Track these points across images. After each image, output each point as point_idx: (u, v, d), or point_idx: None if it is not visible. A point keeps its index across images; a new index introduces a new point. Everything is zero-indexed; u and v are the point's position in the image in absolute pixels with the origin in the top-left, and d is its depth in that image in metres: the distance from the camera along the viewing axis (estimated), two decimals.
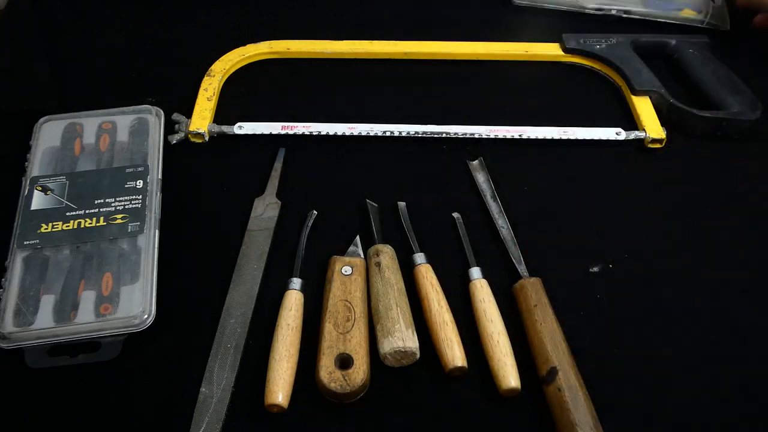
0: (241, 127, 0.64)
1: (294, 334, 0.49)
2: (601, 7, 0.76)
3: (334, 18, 0.76)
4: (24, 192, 0.56)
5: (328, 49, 0.71)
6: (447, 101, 0.68)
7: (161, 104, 0.64)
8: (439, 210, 0.58)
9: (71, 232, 0.54)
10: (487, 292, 0.52)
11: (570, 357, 0.48)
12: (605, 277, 0.55)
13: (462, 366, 0.48)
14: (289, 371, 0.47)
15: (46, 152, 0.59)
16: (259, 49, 0.70)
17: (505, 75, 0.71)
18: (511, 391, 0.47)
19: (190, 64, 0.69)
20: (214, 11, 0.76)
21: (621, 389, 0.49)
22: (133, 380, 0.49)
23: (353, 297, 0.51)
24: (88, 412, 0.48)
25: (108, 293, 0.51)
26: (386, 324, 0.49)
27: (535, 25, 0.76)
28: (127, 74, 0.69)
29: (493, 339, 0.49)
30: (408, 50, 0.71)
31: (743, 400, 0.49)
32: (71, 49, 0.72)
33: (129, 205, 0.56)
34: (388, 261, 0.53)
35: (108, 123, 0.62)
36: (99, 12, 0.75)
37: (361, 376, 0.47)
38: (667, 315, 0.53)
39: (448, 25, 0.75)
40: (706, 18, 0.74)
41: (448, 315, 0.50)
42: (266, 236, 0.56)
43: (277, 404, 0.46)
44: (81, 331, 0.49)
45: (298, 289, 0.52)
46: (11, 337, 0.49)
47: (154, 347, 0.50)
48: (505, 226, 0.57)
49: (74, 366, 0.49)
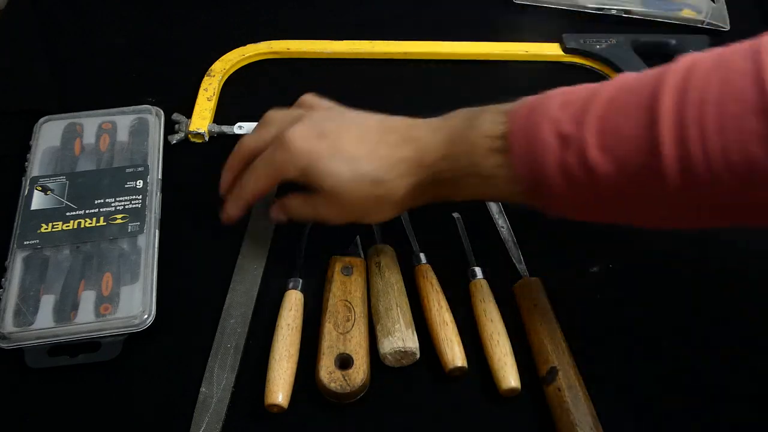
0: (241, 127, 0.64)
1: (294, 334, 0.49)
2: (601, 7, 0.76)
3: (334, 18, 0.76)
4: (24, 192, 0.56)
5: (328, 49, 0.71)
6: (447, 101, 0.68)
7: (161, 104, 0.64)
8: (439, 210, 0.58)
9: (71, 232, 0.54)
10: (487, 292, 0.52)
11: (570, 357, 0.48)
12: (605, 277, 0.55)
13: (462, 366, 0.48)
14: (289, 371, 0.47)
15: (46, 152, 0.59)
16: (259, 49, 0.70)
17: (505, 75, 0.71)
18: (511, 391, 0.47)
19: (190, 64, 0.69)
20: (214, 11, 0.76)
21: (621, 389, 0.49)
22: (133, 380, 0.49)
23: (353, 297, 0.51)
24: (88, 412, 0.48)
25: (108, 293, 0.51)
26: (386, 324, 0.49)
27: (535, 25, 0.76)
28: (127, 74, 0.69)
29: (493, 339, 0.49)
30: (408, 50, 0.71)
31: (745, 401, 0.49)
32: (71, 49, 0.71)
33: (129, 205, 0.56)
34: (388, 261, 0.53)
35: (108, 123, 0.62)
36: (99, 12, 0.75)
37: (361, 376, 0.47)
38: (667, 315, 0.53)
39: (448, 25, 0.75)
40: (706, 18, 0.74)
41: (448, 315, 0.50)
42: (266, 236, 0.56)
43: (277, 404, 0.46)
44: (81, 331, 0.49)
45: (298, 289, 0.52)
46: (11, 337, 0.49)
47: (154, 347, 0.51)
48: (505, 226, 0.57)
49: (74, 366, 0.49)
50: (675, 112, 0.37)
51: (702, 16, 0.75)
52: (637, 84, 0.40)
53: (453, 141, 0.46)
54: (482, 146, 0.44)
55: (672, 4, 0.76)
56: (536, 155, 0.42)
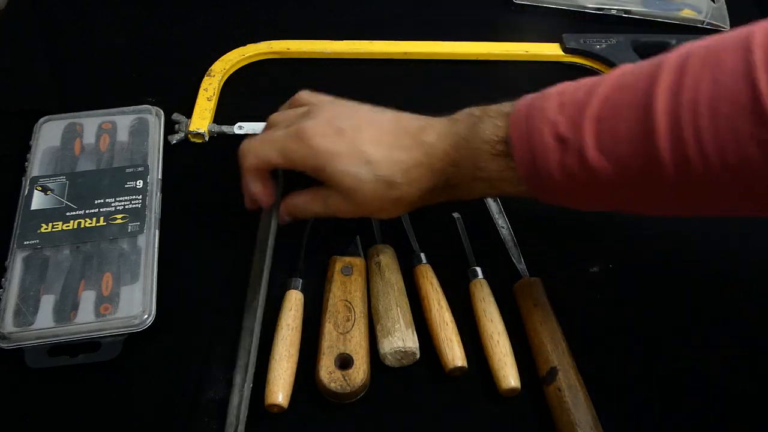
0: (241, 127, 0.64)
1: (294, 334, 0.49)
2: (601, 7, 0.76)
3: (334, 18, 0.76)
4: (24, 192, 0.56)
5: (328, 49, 0.71)
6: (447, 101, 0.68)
7: (161, 104, 0.64)
8: (439, 210, 0.58)
9: (71, 232, 0.54)
10: (487, 292, 0.52)
11: (570, 357, 0.48)
12: (605, 277, 0.55)
13: (462, 366, 0.48)
14: (289, 371, 0.48)
15: (46, 152, 0.59)
16: (259, 49, 0.70)
17: (505, 75, 0.71)
18: (511, 391, 0.47)
19: (190, 64, 0.69)
20: (214, 11, 0.76)
21: (621, 389, 0.49)
22: (133, 380, 0.49)
23: (353, 297, 0.51)
24: (88, 412, 0.48)
25: (108, 293, 0.51)
26: (386, 324, 0.49)
27: (535, 25, 0.76)
28: (127, 74, 0.69)
29: (493, 339, 0.49)
30: (408, 50, 0.71)
31: (746, 401, 0.49)
32: (71, 49, 0.71)
33: (129, 205, 0.56)
34: (388, 261, 0.53)
35: (108, 123, 0.62)
36: (99, 12, 0.75)
37: (361, 376, 0.47)
38: (667, 315, 0.53)
39: (448, 25, 0.75)
40: (706, 18, 0.74)
41: (448, 315, 0.50)
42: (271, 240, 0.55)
43: (277, 404, 0.46)
44: (81, 331, 0.49)
45: (298, 289, 0.52)
46: (11, 337, 0.49)
47: (154, 347, 0.50)
48: (505, 226, 0.57)
49: (74, 366, 0.49)
50: (669, 113, 0.38)
51: (702, 16, 0.75)
52: (633, 80, 0.41)
53: (458, 147, 0.47)
54: (486, 151, 0.45)
55: (672, 4, 0.76)
56: (537, 158, 0.43)
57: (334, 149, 0.48)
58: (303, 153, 0.48)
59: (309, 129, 0.48)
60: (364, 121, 0.50)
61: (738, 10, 0.75)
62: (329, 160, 0.48)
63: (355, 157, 0.48)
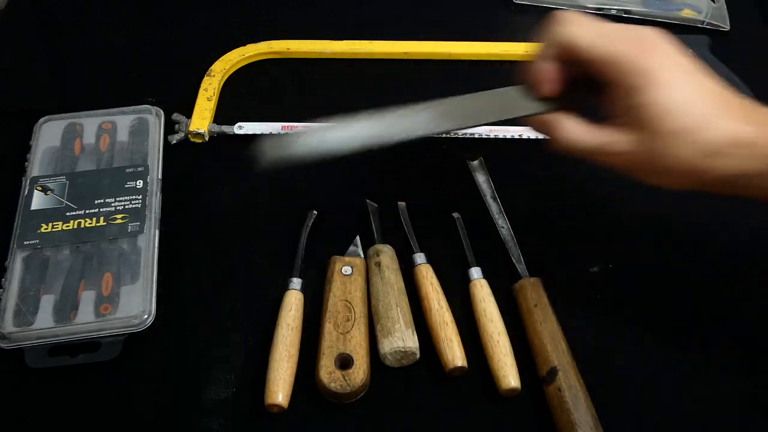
0: (241, 127, 0.64)
1: (294, 334, 0.49)
2: (601, 7, 0.76)
3: (334, 18, 0.76)
4: (24, 192, 0.56)
5: (328, 49, 0.71)
6: None
7: (161, 104, 0.64)
8: (439, 210, 0.58)
9: (71, 232, 0.54)
10: (487, 292, 0.52)
11: (570, 357, 0.48)
12: (605, 277, 0.55)
13: (462, 366, 0.48)
14: (289, 371, 0.48)
15: (46, 152, 0.59)
16: (259, 49, 0.70)
17: (505, 75, 0.71)
18: (511, 391, 0.47)
19: (190, 64, 0.69)
20: (214, 11, 0.76)
21: (621, 389, 0.49)
22: (133, 380, 0.49)
23: (353, 297, 0.51)
24: (88, 412, 0.48)
25: (108, 293, 0.51)
26: (386, 324, 0.49)
27: (535, 25, 0.76)
28: (127, 74, 0.69)
29: (493, 339, 0.49)
30: (408, 50, 0.71)
31: (746, 401, 0.49)
32: (71, 49, 0.71)
33: (129, 205, 0.56)
34: (388, 261, 0.53)
35: (108, 123, 0.62)
36: (99, 12, 0.75)
37: (361, 376, 0.47)
38: (667, 315, 0.53)
39: (448, 25, 0.75)
40: (706, 18, 0.74)
41: (448, 315, 0.50)
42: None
43: (277, 404, 0.46)
44: (81, 331, 0.49)
45: (298, 289, 0.52)
46: (11, 337, 0.49)
47: (154, 347, 0.51)
48: (505, 226, 0.57)
49: (74, 366, 0.49)
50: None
51: (702, 16, 0.75)
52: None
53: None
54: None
55: (672, 4, 0.76)
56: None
57: (677, 77, 0.38)
58: (628, 54, 0.39)
59: (654, 40, 0.40)
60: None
61: (738, 10, 0.75)
62: (666, 82, 0.38)
63: (686, 91, 0.38)
